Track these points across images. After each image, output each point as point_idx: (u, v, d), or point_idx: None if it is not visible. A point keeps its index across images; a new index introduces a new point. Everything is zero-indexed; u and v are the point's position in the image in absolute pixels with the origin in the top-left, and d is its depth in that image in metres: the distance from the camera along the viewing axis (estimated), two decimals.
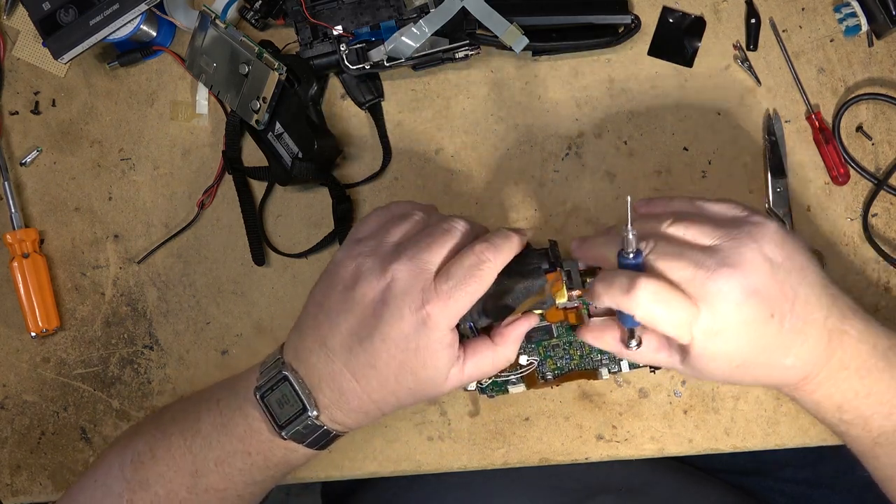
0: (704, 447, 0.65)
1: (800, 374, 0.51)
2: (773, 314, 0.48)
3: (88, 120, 0.70)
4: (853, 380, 0.51)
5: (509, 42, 0.61)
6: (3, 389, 0.70)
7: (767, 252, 0.48)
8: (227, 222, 0.69)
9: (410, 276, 0.51)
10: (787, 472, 0.80)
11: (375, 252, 0.53)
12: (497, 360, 0.55)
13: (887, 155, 0.64)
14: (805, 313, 0.49)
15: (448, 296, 0.51)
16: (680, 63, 0.66)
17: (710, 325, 0.48)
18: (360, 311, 0.52)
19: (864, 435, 0.53)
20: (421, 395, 0.54)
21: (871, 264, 0.64)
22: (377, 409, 0.54)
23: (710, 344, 0.49)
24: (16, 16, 0.70)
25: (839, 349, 0.51)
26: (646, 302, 0.47)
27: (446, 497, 0.75)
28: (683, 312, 0.47)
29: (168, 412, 0.60)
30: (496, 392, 0.62)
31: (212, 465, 0.55)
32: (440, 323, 0.51)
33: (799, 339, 0.50)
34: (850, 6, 0.63)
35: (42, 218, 0.70)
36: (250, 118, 0.64)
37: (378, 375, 0.52)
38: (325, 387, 0.53)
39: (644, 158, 0.66)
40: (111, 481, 0.57)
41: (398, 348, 0.51)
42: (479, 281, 0.52)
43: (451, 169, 0.67)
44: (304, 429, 0.54)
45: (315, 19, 0.64)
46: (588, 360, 0.61)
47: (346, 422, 0.54)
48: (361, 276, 0.52)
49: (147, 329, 0.69)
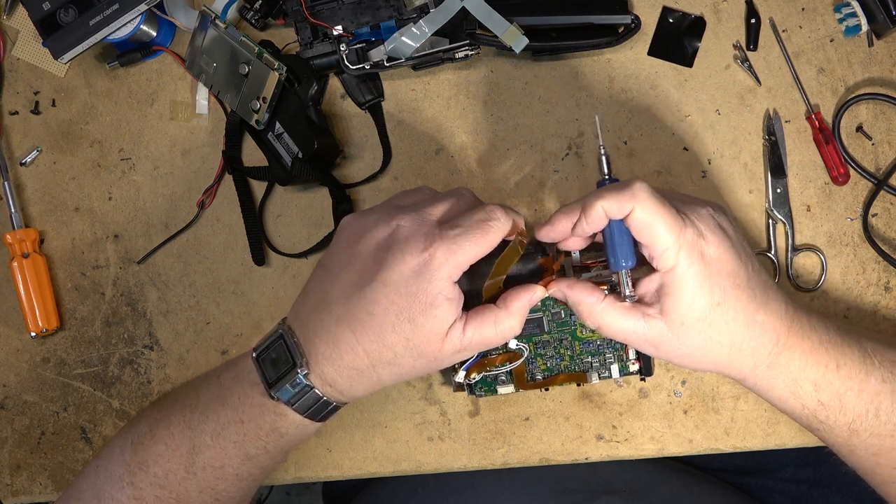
0: (704, 447, 0.65)
1: (771, 334, 0.52)
2: (741, 260, 0.52)
3: (88, 120, 0.70)
4: (820, 352, 0.53)
5: (509, 42, 0.61)
6: (3, 389, 0.70)
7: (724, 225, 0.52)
8: (227, 222, 0.69)
9: (414, 223, 0.51)
10: (787, 472, 0.80)
11: (380, 210, 0.54)
12: (501, 327, 0.53)
13: (887, 155, 0.64)
14: (761, 279, 0.53)
15: (452, 240, 0.50)
16: (680, 63, 0.66)
17: (693, 240, 0.50)
18: (362, 261, 0.52)
19: (841, 421, 0.54)
20: (419, 353, 0.52)
21: (871, 264, 0.64)
22: (371, 368, 0.52)
23: (691, 271, 0.50)
24: (16, 16, 0.70)
25: (797, 320, 0.53)
26: (643, 194, 0.50)
27: (447, 498, 0.75)
28: (674, 218, 0.50)
29: (172, 394, 0.60)
30: (485, 392, 0.61)
31: (208, 440, 0.55)
32: (442, 268, 0.50)
33: (765, 296, 0.52)
34: (850, 6, 0.63)
35: (42, 218, 0.70)
36: (250, 118, 0.64)
37: (375, 323, 0.51)
38: (318, 341, 0.52)
39: (644, 158, 0.66)
40: (112, 466, 0.57)
41: (397, 292, 0.50)
42: (485, 234, 0.51)
43: (451, 169, 0.67)
44: (294, 387, 0.52)
45: (315, 19, 0.64)
46: (578, 362, 0.60)
47: (338, 381, 0.53)
48: (366, 229, 0.52)
49: (147, 329, 0.69)
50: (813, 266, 0.65)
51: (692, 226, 0.50)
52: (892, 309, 0.64)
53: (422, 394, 0.66)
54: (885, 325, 0.64)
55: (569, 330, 0.60)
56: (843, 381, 0.53)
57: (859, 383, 0.53)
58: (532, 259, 0.56)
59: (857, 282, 0.64)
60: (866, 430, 0.53)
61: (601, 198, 0.50)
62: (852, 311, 0.64)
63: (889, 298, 0.64)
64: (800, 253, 0.64)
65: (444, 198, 0.54)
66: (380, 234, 0.52)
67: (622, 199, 0.50)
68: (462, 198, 0.55)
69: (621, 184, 0.51)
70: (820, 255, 0.64)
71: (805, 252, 0.64)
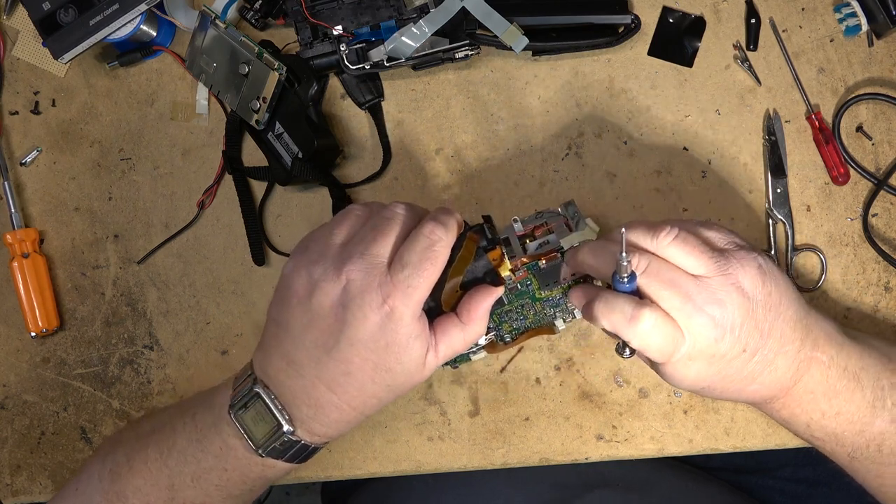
0: (704, 447, 0.65)
1: (763, 397, 0.54)
2: (745, 349, 0.50)
3: (88, 120, 0.70)
4: (820, 402, 0.53)
5: (509, 42, 0.61)
6: (3, 389, 0.70)
7: (748, 289, 0.50)
8: (227, 222, 0.69)
9: (364, 273, 0.50)
10: (787, 472, 0.80)
11: (324, 256, 0.51)
12: (468, 336, 0.54)
13: (887, 155, 0.64)
14: (777, 346, 0.51)
15: (407, 284, 0.50)
16: (680, 63, 0.66)
17: (687, 352, 0.50)
18: (321, 321, 0.50)
19: (838, 450, 0.55)
20: (401, 390, 0.53)
21: (871, 264, 0.64)
22: (359, 415, 0.53)
23: (681, 367, 0.51)
24: (16, 16, 0.70)
25: (806, 375, 0.52)
26: (645, 332, 0.49)
27: (445, 494, 0.75)
28: (672, 342, 0.50)
29: (148, 422, 0.59)
30: (459, 361, 0.62)
31: (188, 481, 0.55)
32: (405, 314, 0.50)
33: (767, 370, 0.52)
34: (850, 6, 0.63)
35: (42, 218, 0.70)
36: (250, 118, 0.64)
37: (354, 381, 0.51)
38: (300, 403, 0.52)
39: (644, 158, 0.66)
40: (91, 491, 0.57)
41: (368, 349, 0.50)
42: (434, 262, 0.51)
43: (451, 169, 0.67)
44: (281, 445, 0.53)
45: (315, 19, 0.64)
46: (542, 317, 0.61)
47: (328, 433, 0.54)
48: (315, 286, 0.50)
49: (147, 329, 0.69)
50: (813, 266, 0.65)
51: (690, 338, 0.50)
52: (892, 309, 0.64)
53: (422, 394, 0.66)
54: (885, 326, 0.64)
55: (528, 295, 0.60)
56: (840, 425, 0.53)
57: (861, 426, 0.53)
58: (480, 255, 0.56)
59: (857, 282, 0.64)
60: (867, 458, 0.54)
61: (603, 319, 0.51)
62: (852, 311, 0.64)
63: (889, 298, 0.64)
64: (800, 253, 0.64)
65: (382, 228, 0.52)
66: (332, 292, 0.50)
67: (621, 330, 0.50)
68: (397, 219, 0.53)
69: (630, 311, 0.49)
70: (820, 255, 0.64)
71: (805, 252, 0.64)
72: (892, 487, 0.55)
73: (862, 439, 0.53)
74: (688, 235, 0.51)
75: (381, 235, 0.51)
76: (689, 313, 0.49)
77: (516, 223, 0.58)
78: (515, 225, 0.58)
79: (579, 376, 0.65)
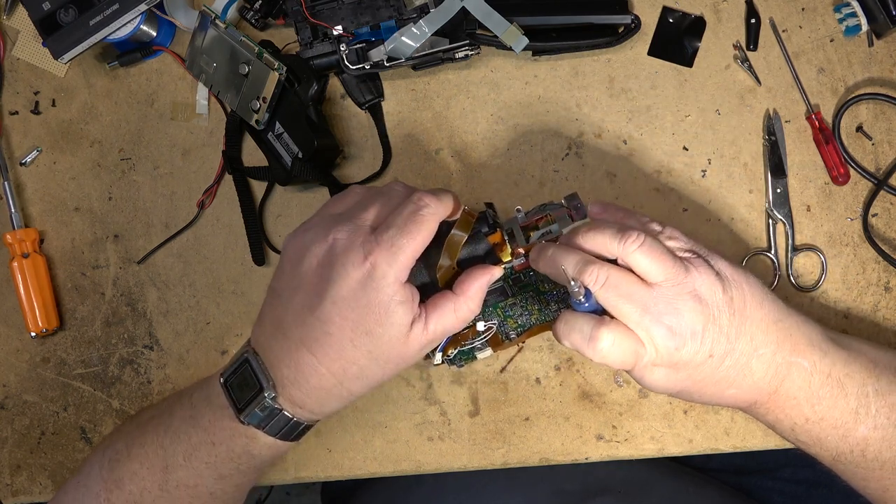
0: (704, 447, 0.65)
1: (745, 400, 0.54)
2: (711, 354, 0.51)
3: (88, 120, 0.70)
4: (803, 407, 0.53)
5: (509, 42, 0.61)
6: (3, 389, 0.70)
7: (705, 296, 0.50)
8: (227, 222, 0.69)
9: (350, 233, 0.51)
10: (787, 472, 0.80)
11: (316, 225, 0.53)
12: (460, 312, 0.53)
13: (887, 155, 0.64)
14: (749, 350, 0.51)
15: (390, 243, 0.50)
16: (680, 63, 0.66)
17: (650, 360, 0.51)
18: (307, 282, 0.51)
19: (822, 453, 0.55)
20: (385, 360, 0.51)
21: (871, 264, 0.64)
22: (339, 385, 0.52)
23: (647, 373, 0.52)
24: (16, 16, 0.70)
25: (787, 380, 0.52)
26: (604, 350, 0.50)
27: (446, 497, 0.75)
28: (633, 354, 0.51)
29: (148, 411, 0.60)
30: (465, 360, 0.61)
31: (181, 460, 0.55)
32: (387, 273, 0.49)
33: (741, 374, 0.52)
34: (850, 6, 0.63)
35: (42, 218, 0.70)
36: (250, 118, 0.64)
37: (334, 342, 0.50)
38: (282, 365, 0.52)
39: (644, 158, 0.66)
40: (91, 482, 0.57)
41: (349, 307, 0.50)
42: (419, 226, 0.50)
43: (451, 169, 0.67)
44: (262, 411, 0.52)
45: (315, 19, 0.64)
46: (547, 312, 0.61)
47: (307, 402, 0.53)
48: (305, 248, 0.52)
49: (147, 329, 0.69)
50: (813, 266, 0.65)
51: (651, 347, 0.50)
52: (892, 309, 0.64)
53: (422, 394, 0.66)
54: (884, 326, 0.64)
55: (531, 287, 0.60)
56: (824, 430, 0.53)
57: (844, 431, 0.53)
58: (481, 239, 0.56)
59: (857, 282, 0.64)
60: (851, 462, 0.54)
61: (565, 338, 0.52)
62: (852, 311, 0.64)
63: (889, 298, 0.64)
64: (800, 253, 0.64)
65: (374, 199, 0.53)
66: (319, 252, 0.51)
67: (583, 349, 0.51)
68: (392, 194, 0.54)
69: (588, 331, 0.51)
70: (820, 255, 0.64)
71: (805, 252, 0.64)
72: (875, 491, 0.55)
73: (845, 444, 0.53)
74: (653, 243, 0.51)
75: (371, 204, 0.53)
76: (646, 326, 0.50)
77: (519, 213, 0.58)
78: (518, 215, 0.58)
79: (579, 376, 0.65)
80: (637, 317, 0.50)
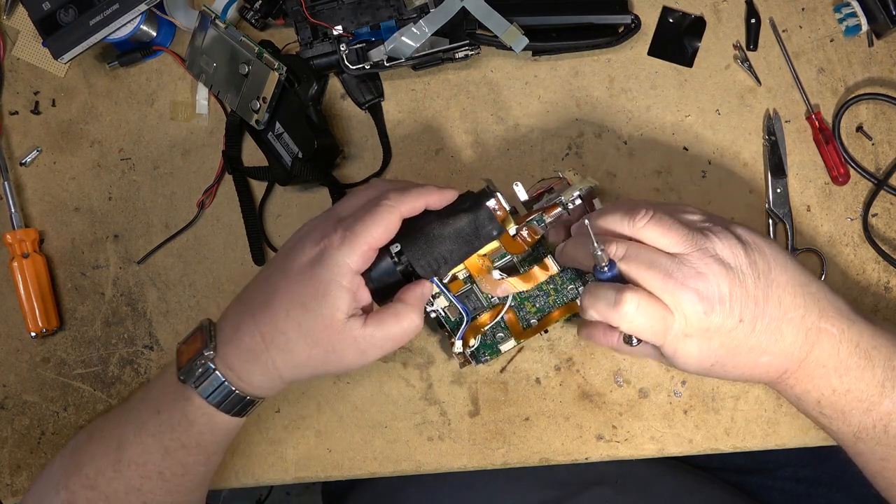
0: (704, 447, 0.65)
1: (777, 369, 0.53)
2: (742, 319, 0.51)
3: (88, 120, 0.70)
4: (831, 377, 0.53)
5: (509, 42, 0.61)
6: (3, 389, 0.70)
7: (728, 259, 0.51)
8: (227, 222, 0.69)
9: (321, 221, 0.54)
10: (787, 472, 0.80)
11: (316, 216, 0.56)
12: (400, 318, 0.53)
13: (887, 155, 0.64)
14: (779, 314, 0.51)
15: (345, 228, 0.52)
16: (680, 63, 0.66)
17: (681, 329, 0.51)
18: (276, 260, 0.55)
19: (844, 429, 0.55)
20: (313, 340, 0.52)
21: (871, 264, 0.64)
22: (265, 352, 0.52)
23: (680, 346, 0.52)
24: (16, 16, 0.70)
25: (817, 346, 0.52)
26: (630, 314, 0.50)
27: (444, 493, 0.75)
28: (661, 321, 0.50)
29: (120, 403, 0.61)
30: (490, 356, 0.61)
31: (131, 436, 0.56)
32: (336, 257, 0.51)
33: (773, 338, 0.52)
34: (850, 6, 0.63)
35: (42, 218, 0.70)
36: (250, 118, 0.64)
37: (272, 308, 0.52)
38: (226, 325, 0.54)
39: (644, 158, 0.66)
40: (53, 470, 0.58)
41: (293, 279, 0.52)
42: (374, 217, 0.52)
43: (451, 169, 0.67)
44: (200, 367, 0.53)
45: (315, 19, 0.64)
46: (563, 293, 0.61)
47: (236, 364, 0.53)
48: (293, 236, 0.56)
49: (147, 329, 0.69)
50: (813, 266, 0.65)
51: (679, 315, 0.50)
52: (893, 309, 0.64)
53: (422, 394, 0.66)
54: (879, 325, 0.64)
55: None
56: (849, 403, 0.53)
57: (869, 405, 0.53)
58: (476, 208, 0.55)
59: (857, 282, 0.64)
60: (872, 439, 0.54)
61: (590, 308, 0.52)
62: None
63: (889, 298, 0.64)
64: (800, 253, 0.64)
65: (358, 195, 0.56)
66: (295, 237, 0.55)
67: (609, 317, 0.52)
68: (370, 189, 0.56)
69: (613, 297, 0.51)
70: (820, 255, 0.64)
71: (805, 252, 0.64)
72: (893, 471, 0.55)
73: (869, 419, 0.53)
74: (662, 216, 0.52)
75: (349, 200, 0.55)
76: (671, 290, 0.50)
77: (517, 187, 0.58)
78: (517, 189, 0.58)
79: (579, 376, 0.65)
80: (661, 283, 0.50)
